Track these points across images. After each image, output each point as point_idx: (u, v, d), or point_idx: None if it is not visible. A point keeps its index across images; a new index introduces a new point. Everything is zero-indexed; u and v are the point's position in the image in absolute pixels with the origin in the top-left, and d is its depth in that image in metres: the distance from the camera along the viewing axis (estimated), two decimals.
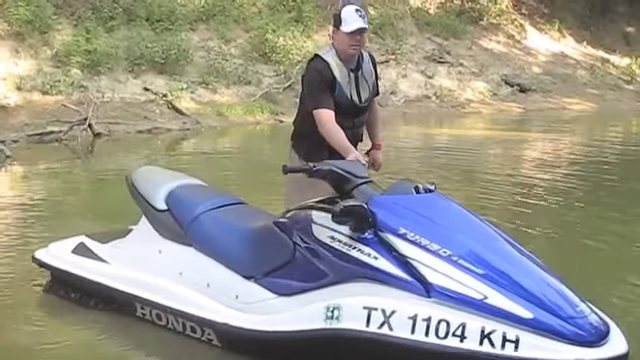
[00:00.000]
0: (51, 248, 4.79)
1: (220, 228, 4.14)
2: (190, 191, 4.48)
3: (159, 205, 4.35)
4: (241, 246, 4.01)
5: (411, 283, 3.35)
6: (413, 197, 3.65)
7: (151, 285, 4.17)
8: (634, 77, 23.38)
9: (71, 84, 13.50)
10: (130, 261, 4.38)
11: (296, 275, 3.73)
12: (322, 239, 3.62)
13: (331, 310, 3.38)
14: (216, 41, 16.82)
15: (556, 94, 20.89)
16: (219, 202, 4.35)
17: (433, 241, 3.39)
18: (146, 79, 14.66)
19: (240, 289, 3.89)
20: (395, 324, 3.23)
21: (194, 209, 4.23)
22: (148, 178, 4.62)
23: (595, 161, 11.52)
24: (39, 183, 9.06)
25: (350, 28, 4.22)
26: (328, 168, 3.72)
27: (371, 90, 4.47)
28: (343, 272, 3.53)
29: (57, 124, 12.14)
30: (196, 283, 4.05)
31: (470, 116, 18.04)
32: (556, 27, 24.58)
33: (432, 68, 19.80)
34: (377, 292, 3.37)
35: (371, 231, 3.48)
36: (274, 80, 16.40)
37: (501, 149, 13.09)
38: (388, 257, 3.41)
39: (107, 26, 15.31)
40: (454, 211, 3.68)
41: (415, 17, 21.58)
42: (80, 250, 4.61)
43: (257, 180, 9.21)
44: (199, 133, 13.58)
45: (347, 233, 3.53)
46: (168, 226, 4.29)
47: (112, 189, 8.66)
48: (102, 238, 4.71)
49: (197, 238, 4.15)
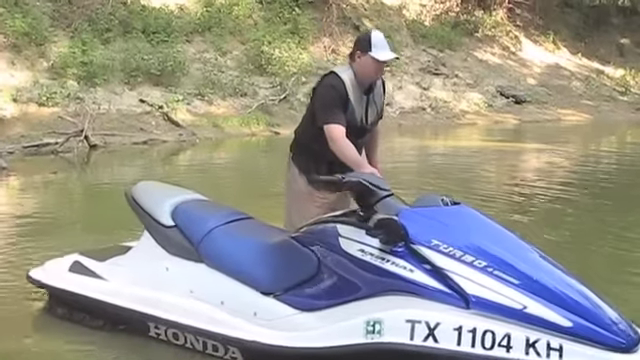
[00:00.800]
0: (47, 266, 4.65)
1: (234, 244, 4.05)
2: (196, 206, 4.38)
3: (166, 221, 4.24)
4: (258, 262, 3.92)
5: (449, 295, 3.35)
6: (442, 209, 3.66)
7: (166, 303, 4.03)
8: (628, 88, 23.48)
9: (67, 96, 13.51)
10: (134, 279, 4.23)
11: (321, 290, 3.67)
12: (352, 253, 3.58)
13: (372, 324, 3.36)
14: (212, 53, 16.86)
15: (551, 105, 20.97)
16: (228, 217, 4.25)
17: (467, 253, 3.40)
18: (142, 91, 14.69)
19: (259, 306, 3.80)
20: (440, 336, 3.24)
21: (205, 225, 4.13)
22: (150, 193, 4.50)
23: (591, 171, 11.56)
24: (35, 195, 9.05)
25: (382, 57, 4.23)
26: (357, 180, 3.69)
27: (378, 113, 4.48)
28: (376, 285, 3.49)
29: (53, 136, 12.15)
30: (209, 301, 3.94)
31: (465, 127, 18.09)
32: (551, 39, 24.69)
33: (427, 80, 19.86)
34: (415, 305, 3.36)
35: (402, 244, 3.47)
36: (270, 92, 16.43)
37: (497, 160, 13.11)
38: (423, 269, 3.41)
39: (103, 38, 15.35)
40: (482, 222, 3.70)
41: (410, 29, 21.66)
42: (77, 268, 4.47)
43: (253, 192, 9.21)
44: (195, 145, 13.60)
45: (378, 246, 3.50)
46: (176, 242, 4.17)
47: (108, 201, 8.66)
48: (98, 256, 4.57)
49: (210, 254, 4.04)
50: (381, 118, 4.63)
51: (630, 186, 10.24)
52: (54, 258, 4.78)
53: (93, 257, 4.55)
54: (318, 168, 4.26)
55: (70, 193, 9.50)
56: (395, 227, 3.44)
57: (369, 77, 4.30)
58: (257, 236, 4.13)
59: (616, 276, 5.65)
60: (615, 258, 6.27)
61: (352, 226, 3.66)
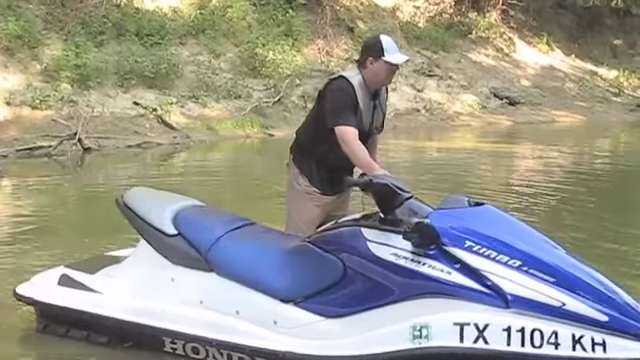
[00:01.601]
0: (34, 282, 4.41)
1: (246, 251, 3.94)
2: (197, 213, 4.24)
3: (168, 229, 4.07)
4: (275, 269, 3.81)
5: (488, 295, 3.36)
6: (470, 210, 3.66)
7: (179, 316, 3.87)
8: (622, 89, 23.54)
9: (61, 99, 13.48)
10: (135, 291, 4.06)
11: (347, 296, 3.61)
12: (384, 257, 3.53)
13: (418, 329, 3.34)
14: (206, 55, 16.84)
15: (545, 107, 21.00)
16: (233, 223, 4.12)
17: (501, 252, 3.41)
18: (136, 93, 14.66)
19: (279, 314, 3.70)
20: (490, 337, 3.26)
21: (211, 232, 3.99)
22: (146, 200, 4.32)
23: (586, 171, 11.58)
24: (28, 198, 9.01)
25: (397, 60, 4.23)
26: (384, 182, 3.65)
27: (383, 118, 4.48)
28: (410, 289, 3.46)
29: (46, 139, 12.12)
30: (222, 311, 3.81)
31: (459, 129, 18.10)
32: (544, 40, 24.74)
33: (421, 81, 19.87)
34: (456, 307, 3.36)
35: (435, 246, 3.45)
36: (264, 94, 16.42)
37: (492, 161, 13.12)
38: (460, 271, 3.40)
39: (97, 41, 15.32)
40: (509, 221, 3.71)
41: (404, 31, 21.67)
42: (67, 282, 4.26)
43: (248, 195, 9.21)
44: (189, 147, 13.58)
45: (411, 249, 3.47)
46: (181, 251, 4.00)
47: (102, 204, 8.62)
48: (86, 268, 4.38)
49: (220, 263, 3.90)
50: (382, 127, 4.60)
51: (625, 186, 10.26)
52: (43, 269, 4.62)
53: (81, 269, 4.36)
54: (319, 170, 4.28)
55: (63, 196, 9.47)
56: (429, 230, 3.42)
57: (381, 82, 4.31)
58: (269, 242, 4.04)
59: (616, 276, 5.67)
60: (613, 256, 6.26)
61: (381, 230, 3.61)
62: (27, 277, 5.28)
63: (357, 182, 3.76)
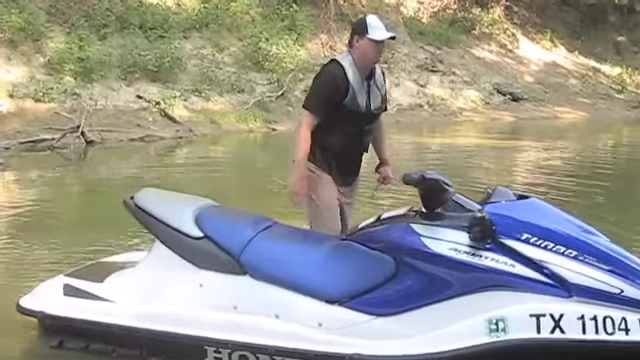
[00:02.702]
0: (37, 293, 4.15)
1: (283, 251, 3.80)
2: (219, 213, 4.06)
3: (192, 232, 3.85)
4: (316, 269, 3.69)
5: (551, 285, 3.41)
6: (521, 203, 3.69)
7: (220, 323, 3.67)
8: (625, 86, 23.52)
9: (64, 92, 13.49)
10: (156, 299, 3.83)
11: (401, 292, 3.56)
12: (443, 252, 3.49)
13: (494, 322, 3.37)
14: (209, 49, 16.84)
15: (548, 103, 20.99)
16: (261, 223, 3.96)
17: (557, 243, 3.46)
18: (139, 87, 14.66)
19: (324, 315, 3.58)
20: (566, 327, 3.33)
21: (242, 233, 3.83)
22: (161, 201, 4.09)
23: (588, 166, 11.58)
24: (31, 191, 9.03)
25: (379, 36, 4.23)
26: (435, 178, 3.64)
27: (382, 100, 4.46)
28: (473, 283, 3.47)
29: (50, 132, 12.13)
30: (259, 315, 3.65)
31: (463, 124, 18.10)
32: (548, 37, 24.72)
33: (425, 77, 19.87)
34: (524, 299, 3.40)
35: (492, 240, 3.47)
36: (267, 88, 16.42)
37: (495, 157, 13.12)
38: (523, 263, 3.44)
39: (100, 34, 15.33)
40: (557, 213, 3.74)
41: (408, 26, 21.65)
42: (73, 292, 4.01)
43: (251, 189, 9.21)
44: (192, 141, 13.58)
45: (469, 244, 3.47)
46: (209, 255, 3.80)
47: (104, 198, 8.64)
48: (89, 276, 4.15)
49: (255, 265, 3.73)
50: (385, 109, 4.62)
51: (626, 183, 10.26)
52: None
53: (84, 278, 4.12)
54: (324, 155, 4.30)
55: (66, 189, 9.48)
56: (489, 224, 3.44)
57: (369, 60, 4.30)
58: (303, 242, 3.94)
59: None
60: None
61: (434, 226, 3.58)
62: (30, 273, 5.36)
63: (410, 178, 3.68)
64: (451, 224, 3.55)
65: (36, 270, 5.39)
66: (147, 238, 5.95)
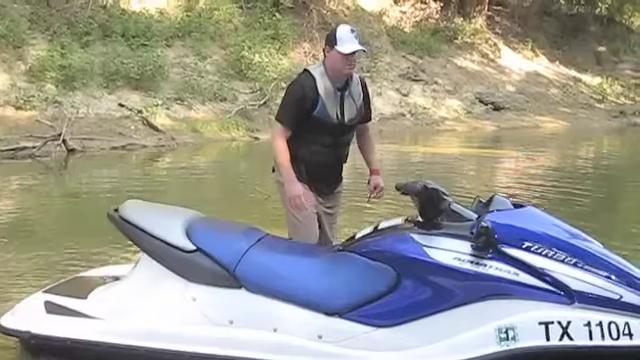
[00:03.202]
0: (18, 312, 3.95)
1: (279, 264, 3.73)
2: (210, 225, 3.99)
3: (185, 245, 3.74)
4: (314, 281, 3.65)
5: (554, 293, 3.46)
6: (519, 211, 3.71)
7: (215, 339, 3.59)
8: (605, 96, 23.72)
9: (45, 99, 13.42)
10: (147, 315, 3.71)
11: (403, 303, 3.55)
12: (446, 262, 3.50)
13: (504, 331, 3.39)
14: (192, 57, 16.81)
15: (529, 112, 21.12)
16: (254, 235, 3.89)
17: (557, 251, 3.50)
18: (121, 95, 14.60)
19: (324, 327, 3.55)
20: (574, 333, 3.38)
21: (236, 246, 3.75)
22: (148, 214, 3.97)
23: (568, 176, 11.65)
24: (11, 199, 8.96)
25: (346, 50, 4.15)
26: (435, 187, 3.66)
27: (358, 111, 4.36)
28: (476, 292, 3.48)
29: (30, 140, 12.05)
30: (257, 329, 3.58)
31: (445, 134, 18.16)
32: (529, 46, 24.88)
33: (407, 86, 19.93)
34: (529, 307, 3.44)
35: (494, 249, 3.48)
36: (249, 97, 16.41)
37: (477, 166, 13.19)
38: (526, 271, 3.47)
39: (82, 41, 15.25)
40: (553, 221, 3.77)
41: (390, 35, 21.73)
42: (55, 309, 3.85)
43: (232, 198, 9.19)
44: (174, 149, 13.54)
45: (472, 253, 3.48)
46: (202, 268, 3.69)
47: (85, 207, 8.60)
48: (70, 292, 3.99)
49: (251, 278, 3.66)
50: (369, 120, 4.56)
51: (605, 191, 10.36)
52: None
53: (66, 294, 3.96)
54: (299, 166, 4.22)
55: (47, 198, 9.40)
56: (492, 233, 3.45)
57: (339, 72, 4.21)
58: (299, 254, 3.88)
59: None
60: None
61: (435, 235, 3.58)
62: (9, 283, 5.31)
63: (412, 188, 3.68)
64: (452, 233, 3.57)
65: (15, 280, 5.36)
66: (130, 248, 5.94)
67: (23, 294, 4.45)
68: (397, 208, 5.91)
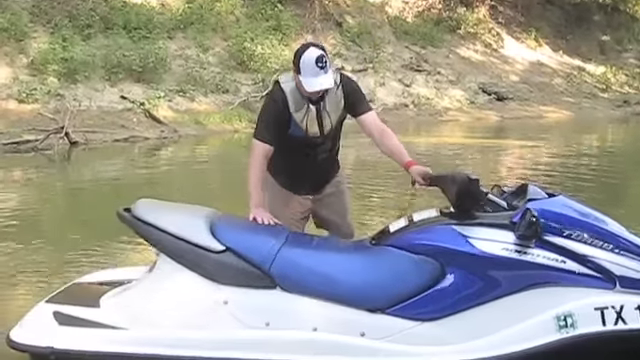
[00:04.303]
0: (26, 325, 3.66)
1: (314, 261, 3.59)
2: (233, 223, 3.80)
3: (213, 245, 3.52)
4: (353, 277, 3.53)
5: (598, 279, 3.48)
6: (555, 200, 3.70)
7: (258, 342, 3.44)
8: (609, 85, 23.65)
9: (47, 92, 13.41)
10: (175, 322, 3.50)
11: (447, 295, 3.49)
12: (494, 252, 3.47)
13: (563, 319, 3.42)
14: (194, 49, 16.78)
15: (533, 102, 21.07)
16: (281, 232, 3.71)
17: (595, 237, 3.52)
18: (123, 87, 14.59)
19: (366, 325, 3.45)
20: (627, 317, 3.42)
21: (268, 243, 3.56)
22: (167, 213, 3.75)
23: (572, 164, 11.62)
24: (14, 193, 8.95)
25: (308, 87, 3.76)
26: (476, 178, 3.58)
27: (338, 118, 4.02)
28: (523, 281, 3.48)
29: (33, 133, 12.05)
30: (295, 329, 3.44)
31: (448, 124, 18.13)
32: (533, 36, 24.81)
33: (410, 76, 19.89)
34: (578, 293, 3.47)
35: (538, 237, 3.48)
36: (252, 88, 16.39)
37: (480, 156, 13.15)
38: (572, 258, 3.49)
39: (84, 34, 15.23)
40: (585, 208, 3.77)
41: (393, 26, 21.67)
42: (68, 320, 3.59)
43: (236, 190, 9.17)
44: (177, 142, 13.53)
45: (517, 242, 3.46)
46: (233, 269, 3.50)
47: (88, 199, 8.59)
48: (77, 301, 3.76)
49: (287, 277, 3.50)
50: (366, 111, 4.07)
51: (610, 180, 10.34)
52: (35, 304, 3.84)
53: (74, 304, 3.71)
54: (277, 172, 4.05)
55: (50, 191, 9.40)
56: (537, 222, 3.44)
57: (307, 95, 3.84)
58: (333, 250, 3.76)
59: None
60: None
61: (478, 226, 3.54)
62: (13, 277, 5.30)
63: (453, 179, 3.59)
64: (493, 223, 3.53)
65: (20, 275, 5.35)
66: (135, 239, 5.93)
67: (27, 288, 4.44)
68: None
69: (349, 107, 4.01)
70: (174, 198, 4.57)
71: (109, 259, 5.66)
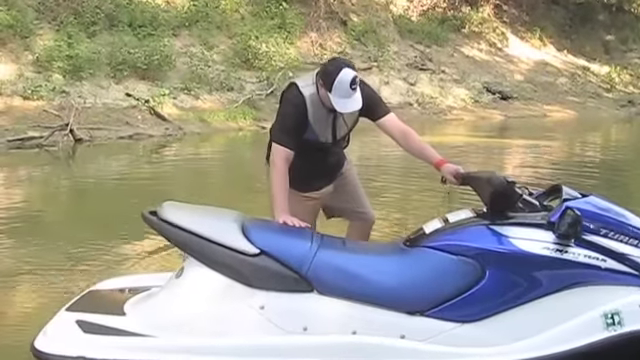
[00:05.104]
0: (50, 333, 3.55)
1: (353, 263, 3.54)
2: (267, 226, 3.72)
3: (248, 248, 3.43)
4: (391, 279, 3.49)
5: (637, 276, 3.51)
6: (590, 199, 3.70)
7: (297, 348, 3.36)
8: (614, 85, 23.64)
9: (52, 89, 13.44)
10: (207, 329, 3.41)
11: (488, 296, 3.47)
12: (536, 252, 3.46)
13: (610, 317, 3.43)
14: (199, 47, 16.81)
15: (537, 101, 21.07)
16: (315, 234, 3.66)
17: (630, 236, 3.54)
18: (128, 85, 14.62)
19: (406, 327, 3.41)
20: None
21: (304, 246, 3.50)
22: (197, 216, 3.66)
23: (577, 163, 11.63)
24: (19, 189, 8.99)
25: (340, 109, 3.79)
26: (513, 180, 3.61)
27: (352, 124, 4.08)
28: (564, 280, 3.49)
29: (38, 129, 12.08)
30: (334, 334, 3.39)
31: (452, 123, 18.13)
32: (537, 35, 24.80)
33: (414, 75, 19.89)
34: (623, 291, 3.48)
35: (577, 236, 3.48)
36: (256, 86, 16.41)
37: (484, 155, 13.14)
38: (611, 257, 3.51)
39: (89, 31, 15.27)
40: (615, 207, 3.77)
41: (398, 24, 21.67)
42: (93, 329, 3.49)
43: (240, 187, 9.20)
44: (181, 139, 13.55)
45: (556, 241, 3.46)
46: (269, 272, 3.42)
47: (93, 196, 8.62)
48: (102, 308, 3.66)
49: (324, 279, 3.43)
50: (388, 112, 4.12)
51: (614, 179, 10.34)
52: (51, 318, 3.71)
53: (97, 311, 3.62)
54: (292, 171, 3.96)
55: (55, 188, 9.44)
56: (578, 221, 3.44)
57: (332, 108, 3.84)
58: (368, 252, 3.74)
59: None
60: None
61: (517, 225, 3.53)
62: (22, 276, 5.32)
63: (488, 180, 3.59)
64: (531, 223, 3.53)
65: (26, 273, 5.37)
66: (140, 236, 5.96)
67: (32, 287, 4.43)
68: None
69: (366, 112, 3.99)
70: (180, 196, 4.60)
71: (114, 256, 5.68)
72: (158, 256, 5.69)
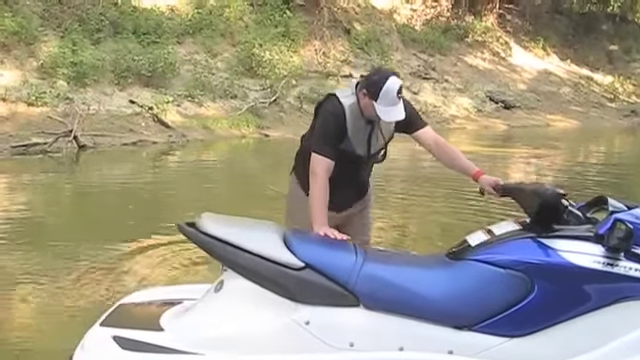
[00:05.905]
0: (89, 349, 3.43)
1: (399, 277, 3.44)
2: (308, 238, 3.62)
3: (293, 261, 3.32)
4: (438, 293, 3.40)
5: None
6: (637, 212, 3.60)
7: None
8: (617, 95, 23.64)
9: (57, 96, 13.47)
10: (254, 348, 3.29)
11: (537, 310, 3.39)
12: (587, 265, 3.38)
13: None
14: (203, 55, 16.85)
15: (540, 111, 21.07)
16: (357, 247, 3.57)
17: None
18: (132, 92, 14.66)
19: (454, 342, 3.33)
20: None
21: (350, 259, 3.40)
22: (238, 228, 3.55)
23: (580, 172, 11.64)
24: (23, 196, 9.00)
25: (385, 118, 3.80)
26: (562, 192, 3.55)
27: (387, 140, 4.08)
28: (614, 294, 3.42)
29: (42, 136, 12.11)
30: (381, 350, 3.29)
31: (455, 132, 18.13)
32: (540, 45, 24.82)
33: (417, 84, 19.92)
34: None
35: (627, 250, 3.41)
36: (260, 94, 16.44)
37: (488, 165, 13.13)
38: None
39: (94, 38, 15.32)
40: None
41: (401, 33, 21.71)
42: (132, 345, 3.36)
43: (244, 194, 9.20)
44: (185, 146, 13.57)
45: (606, 254, 3.39)
46: (315, 286, 3.32)
47: (97, 203, 8.62)
48: (138, 323, 3.53)
49: (371, 293, 3.33)
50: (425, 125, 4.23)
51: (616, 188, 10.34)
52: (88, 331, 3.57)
53: (133, 327, 3.48)
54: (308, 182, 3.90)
55: (59, 194, 9.44)
56: (631, 234, 3.36)
57: (373, 117, 3.85)
58: (413, 265, 3.65)
59: None
60: None
61: (565, 238, 3.46)
62: (25, 280, 5.32)
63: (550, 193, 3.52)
64: (579, 235, 3.46)
65: (30, 277, 5.38)
66: (144, 244, 5.96)
67: (36, 290, 4.43)
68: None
69: (405, 125, 4.03)
70: (184, 203, 4.60)
71: (120, 264, 5.69)
72: (165, 265, 5.69)
